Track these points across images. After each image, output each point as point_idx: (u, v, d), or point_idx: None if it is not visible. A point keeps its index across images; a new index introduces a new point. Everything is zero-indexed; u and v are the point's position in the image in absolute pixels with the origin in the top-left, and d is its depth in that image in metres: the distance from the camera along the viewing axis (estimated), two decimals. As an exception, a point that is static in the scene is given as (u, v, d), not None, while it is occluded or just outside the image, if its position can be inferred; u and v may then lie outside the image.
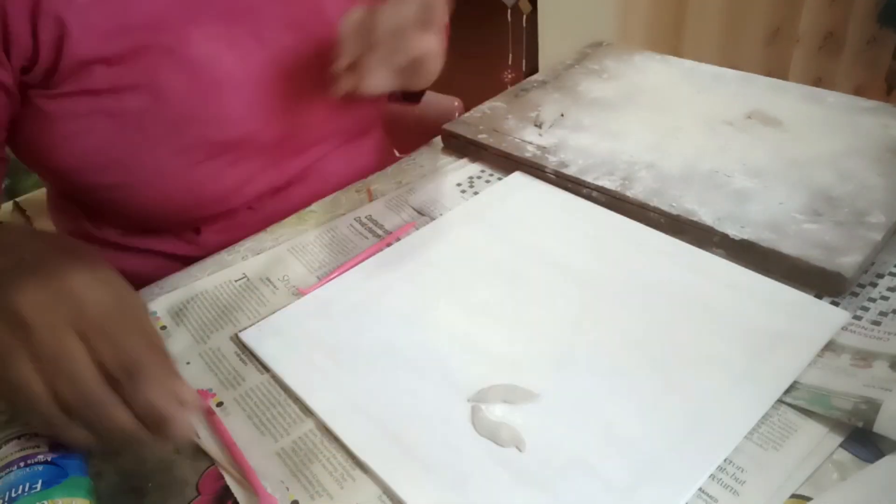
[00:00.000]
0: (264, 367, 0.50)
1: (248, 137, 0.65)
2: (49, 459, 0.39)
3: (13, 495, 0.37)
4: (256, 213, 0.70)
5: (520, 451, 0.42)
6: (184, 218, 0.67)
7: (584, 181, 0.63)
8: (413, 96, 0.87)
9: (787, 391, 0.44)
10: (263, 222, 0.67)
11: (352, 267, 0.59)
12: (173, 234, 0.70)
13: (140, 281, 0.61)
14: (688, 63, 0.82)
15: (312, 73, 0.69)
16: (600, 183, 0.62)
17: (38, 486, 0.38)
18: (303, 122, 0.69)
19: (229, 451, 0.45)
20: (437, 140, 0.77)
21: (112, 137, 0.60)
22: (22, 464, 0.39)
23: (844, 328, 0.48)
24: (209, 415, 0.47)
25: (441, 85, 0.97)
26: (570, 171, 0.64)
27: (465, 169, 0.72)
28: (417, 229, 0.63)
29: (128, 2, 0.57)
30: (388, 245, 0.61)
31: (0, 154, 0.58)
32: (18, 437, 0.40)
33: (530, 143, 0.70)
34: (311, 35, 0.68)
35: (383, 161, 0.76)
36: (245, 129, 0.65)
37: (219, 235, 0.69)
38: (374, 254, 0.60)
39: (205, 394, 0.48)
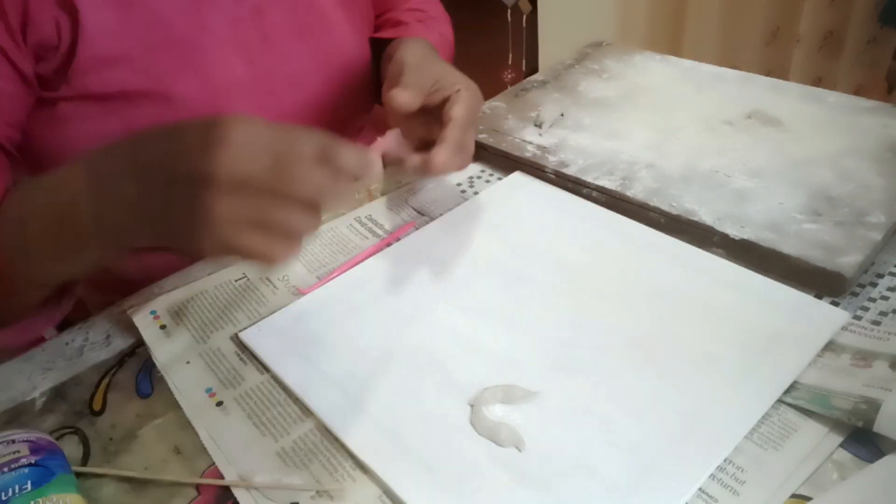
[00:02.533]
0: (264, 367, 0.50)
1: None
2: (33, 462, 0.40)
3: (4, 498, 0.38)
4: None
5: (519, 451, 0.42)
6: None
7: (584, 181, 0.63)
8: None
9: (787, 391, 0.44)
10: None
11: (352, 267, 0.59)
12: None
13: (135, 280, 0.61)
14: (688, 63, 0.82)
15: (314, 78, 0.69)
16: (600, 183, 0.62)
17: (28, 486, 0.38)
18: (301, 126, 0.70)
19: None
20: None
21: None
22: (6, 469, 0.39)
23: (844, 328, 0.48)
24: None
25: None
26: (570, 170, 0.64)
27: (465, 169, 0.72)
28: (417, 229, 0.63)
29: (132, 2, 0.57)
30: (388, 245, 0.61)
31: (8, 150, 0.57)
32: None
33: (530, 142, 0.70)
34: (316, 41, 0.69)
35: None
36: None
37: None
38: (374, 254, 0.60)
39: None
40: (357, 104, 0.77)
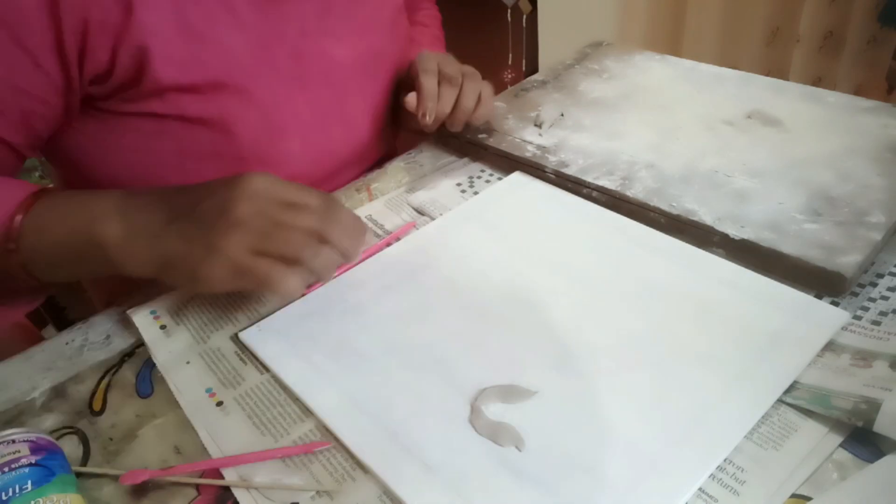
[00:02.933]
0: (264, 367, 0.50)
1: (297, 177, 0.66)
2: (33, 462, 0.40)
3: (4, 498, 0.38)
4: None
5: (519, 450, 0.42)
6: None
7: (584, 181, 0.63)
8: None
9: (787, 391, 0.44)
10: None
11: (352, 267, 0.59)
12: None
13: (135, 280, 0.61)
14: (688, 63, 0.82)
15: (366, 119, 0.71)
16: (600, 183, 0.62)
17: (29, 486, 0.39)
18: (344, 162, 0.71)
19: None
20: (437, 140, 0.77)
21: (167, 159, 0.60)
22: (6, 469, 0.39)
23: (844, 328, 0.48)
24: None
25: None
26: (570, 170, 0.64)
27: (465, 169, 0.72)
28: (417, 229, 0.63)
29: (209, 35, 0.58)
30: (388, 245, 0.61)
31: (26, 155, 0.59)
32: None
33: (530, 142, 0.70)
34: (375, 83, 0.70)
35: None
36: (297, 170, 0.66)
37: None
38: (374, 254, 0.60)
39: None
40: (389, 142, 0.79)
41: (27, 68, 0.52)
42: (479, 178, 0.70)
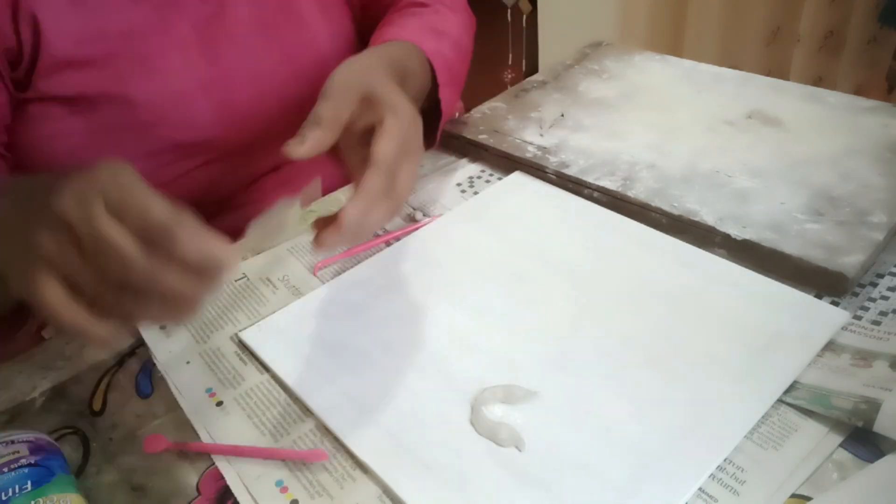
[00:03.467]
0: (264, 367, 0.50)
1: (215, 140, 0.65)
2: (33, 462, 0.40)
3: (4, 498, 0.38)
4: (234, 210, 0.71)
5: (519, 450, 0.42)
6: None
7: (585, 181, 0.63)
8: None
9: (787, 391, 0.44)
10: (243, 218, 0.67)
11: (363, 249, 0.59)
12: None
13: None
14: (688, 63, 0.82)
15: (280, 74, 0.69)
16: (601, 183, 0.62)
17: (28, 486, 0.39)
18: (271, 127, 0.69)
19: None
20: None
21: (84, 140, 0.60)
22: (6, 469, 0.39)
23: (844, 328, 0.48)
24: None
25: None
26: (571, 171, 0.64)
27: (465, 169, 0.72)
28: (417, 229, 0.63)
29: (103, 8, 0.57)
30: (388, 245, 0.61)
31: (4, 154, 0.58)
32: None
33: (531, 143, 0.70)
34: (284, 36, 0.68)
35: None
36: (212, 133, 0.65)
37: None
38: (374, 254, 0.60)
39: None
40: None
41: None
42: (479, 178, 0.70)
